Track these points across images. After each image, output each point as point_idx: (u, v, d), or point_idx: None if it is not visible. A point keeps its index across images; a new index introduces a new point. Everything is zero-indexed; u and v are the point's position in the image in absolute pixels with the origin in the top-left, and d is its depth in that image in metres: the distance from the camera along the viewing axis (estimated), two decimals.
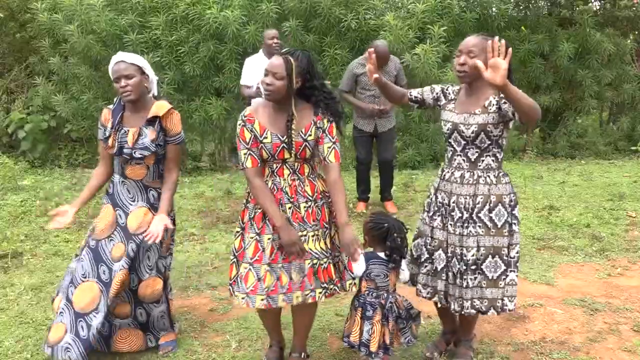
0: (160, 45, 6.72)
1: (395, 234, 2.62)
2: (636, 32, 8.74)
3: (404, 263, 2.72)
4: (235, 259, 2.64)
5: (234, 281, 2.62)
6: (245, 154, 2.52)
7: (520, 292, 3.67)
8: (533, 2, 8.04)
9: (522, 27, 7.62)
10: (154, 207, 2.80)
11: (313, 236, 2.54)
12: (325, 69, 6.93)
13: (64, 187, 6.37)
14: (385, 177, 5.58)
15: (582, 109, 8.11)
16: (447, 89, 2.71)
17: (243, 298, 2.51)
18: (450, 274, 2.63)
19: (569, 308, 3.45)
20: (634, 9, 7.99)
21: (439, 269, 2.65)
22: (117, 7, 6.83)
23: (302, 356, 2.82)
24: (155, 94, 2.86)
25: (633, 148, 8.23)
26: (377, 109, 5.16)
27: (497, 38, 2.23)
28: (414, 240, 2.81)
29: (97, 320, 2.69)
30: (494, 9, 7.35)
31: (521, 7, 8.03)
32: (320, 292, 2.53)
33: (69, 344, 2.67)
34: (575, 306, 3.47)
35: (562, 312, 3.40)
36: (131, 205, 2.78)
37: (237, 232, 2.67)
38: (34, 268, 4.22)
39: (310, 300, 2.53)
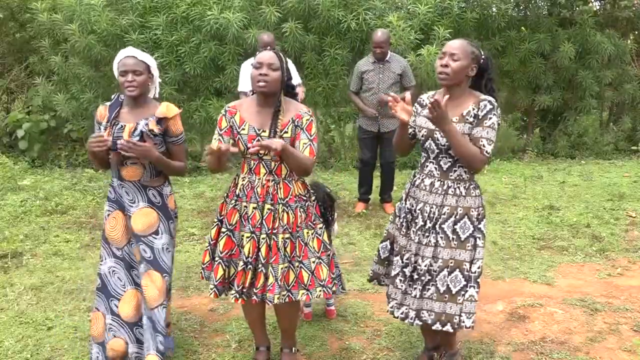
0: (161, 45, 6.71)
1: (319, 203, 2.86)
2: (636, 33, 8.73)
3: (336, 225, 3.23)
4: (209, 247, 2.72)
5: (207, 267, 2.71)
6: (215, 137, 2.62)
7: (520, 292, 3.70)
8: (533, 2, 8.03)
9: (522, 27, 7.62)
10: (157, 206, 2.77)
11: (264, 239, 2.54)
12: (325, 69, 6.93)
13: (64, 187, 6.37)
14: (386, 179, 5.58)
15: (582, 109, 8.11)
16: (421, 98, 2.65)
17: (212, 288, 2.64)
18: (399, 278, 2.58)
19: (569, 308, 3.45)
20: (634, 9, 7.99)
21: (392, 274, 2.62)
22: (117, 7, 6.83)
23: (293, 351, 2.87)
24: (157, 95, 2.85)
25: (633, 148, 8.24)
26: (378, 109, 5.18)
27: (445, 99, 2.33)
28: (381, 243, 2.77)
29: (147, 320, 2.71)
30: (494, 9, 7.35)
31: (521, 7, 8.03)
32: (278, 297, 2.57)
33: (138, 353, 2.69)
34: (575, 306, 3.47)
35: (562, 312, 3.41)
36: (132, 207, 2.74)
37: (214, 222, 2.72)
38: (34, 268, 4.22)
39: (234, 301, 2.60)
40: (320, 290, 2.63)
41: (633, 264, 4.18)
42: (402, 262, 2.59)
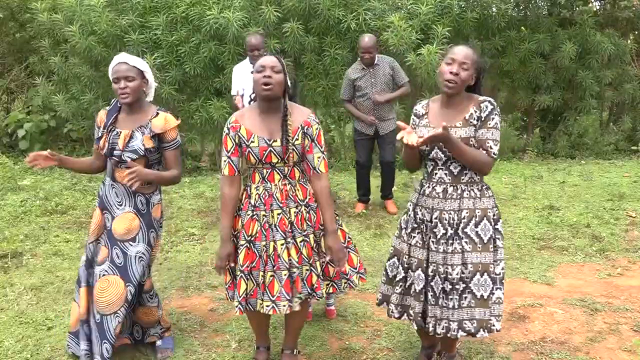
0: (161, 45, 6.71)
1: None
2: (636, 32, 8.74)
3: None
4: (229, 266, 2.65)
5: (230, 287, 2.67)
6: (224, 161, 2.55)
7: (520, 292, 3.70)
8: (533, 2, 8.04)
9: (522, 27, 7.62)
10: (141, 213, 2.75)
11: (301, 241, 2.54)
12: (325, 69, 6.93)
13: (64, 187, 6.37)
14: (386, 178, 5.58)
15: (582, 109, 8.11)
16: (415, 109, 2.62)
17: (236, 306, 2.58)
18: (430, 294, 2.51)
19: (569, 308, 3.45)
20: (634, 9, 7.99)
21: (417, 290, 2.53)
22: (117, 8, 6.83)
23: (294, 353, 2.87)
24: (151, 99, 2.83)
25: (633, 148, 8.24)
26: (374, 114, 5.18)
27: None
28: (388, 260, 2.70)
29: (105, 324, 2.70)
30: (494, 9, 7.35)
31: (521, 7, 8.03)
32: (296, 302, 2.56)
33: (86, 350, 2.69)
34: (575, 306, 3.47)
35: (562, 312, 3.41)
36: (118, 209, 2.74)
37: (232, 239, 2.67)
38: (34, 268, 4.22)
39: (287, 311, 2.54)
40: (345, 283, 2.74)
41: (633, 264, 4.18)
42: (427, 275, 2.52)
